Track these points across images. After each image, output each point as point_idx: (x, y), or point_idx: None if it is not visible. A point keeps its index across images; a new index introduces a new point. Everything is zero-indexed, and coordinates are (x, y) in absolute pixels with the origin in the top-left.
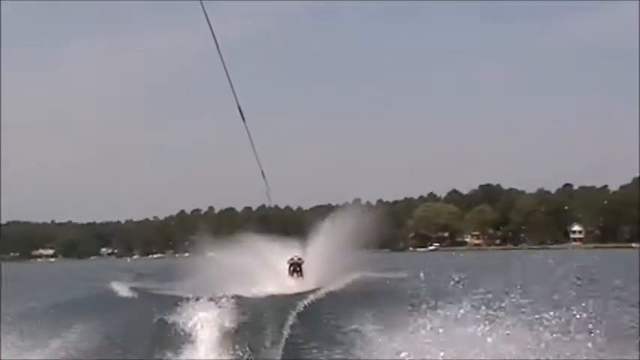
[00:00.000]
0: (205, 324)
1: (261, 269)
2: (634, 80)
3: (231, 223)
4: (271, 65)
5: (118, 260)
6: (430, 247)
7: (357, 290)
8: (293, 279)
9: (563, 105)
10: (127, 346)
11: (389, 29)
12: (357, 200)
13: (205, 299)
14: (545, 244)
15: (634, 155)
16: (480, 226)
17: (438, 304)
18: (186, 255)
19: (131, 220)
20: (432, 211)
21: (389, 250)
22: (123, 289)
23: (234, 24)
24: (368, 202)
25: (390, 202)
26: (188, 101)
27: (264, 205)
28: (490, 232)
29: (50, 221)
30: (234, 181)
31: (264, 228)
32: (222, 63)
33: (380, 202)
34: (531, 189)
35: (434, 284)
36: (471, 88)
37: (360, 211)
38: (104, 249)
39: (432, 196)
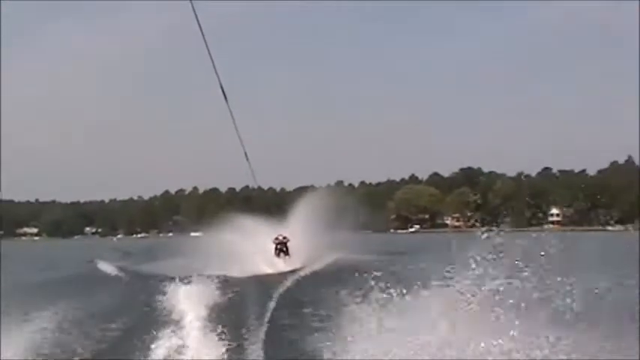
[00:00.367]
0: (190, 302)
1: (246, 249)
2: (615, 66)
3: (215, 203)
4: (253, 45)
5: (102, 239)
6: (411, 229)
7: (338, 269)
8: (279, 257)
9: (546, 91)
10: (112, 324)
11: (374, 11)
12: (340, 182)
13: (190, 278)
14: (524, 226)
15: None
16: (460, 209)
17: (417, 284)
18: (170, 235)
19: (115, 200)
20: (412, 194)
21: (370, 232)
22: (110, 267)
23: (214, 4)
24: (350, 184)
25: (373, 183)
26: (171, 80)
27: (247, 186)
28: (470, 214)
29: (34, 200)
30: (218, 162)
31: (247, 208)
32: (204, 42)
33: (362, 183)
34: (512, 172)
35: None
36: (454, 72)
37: (341, 193)
38: (88, 228)
39: (413, 179)
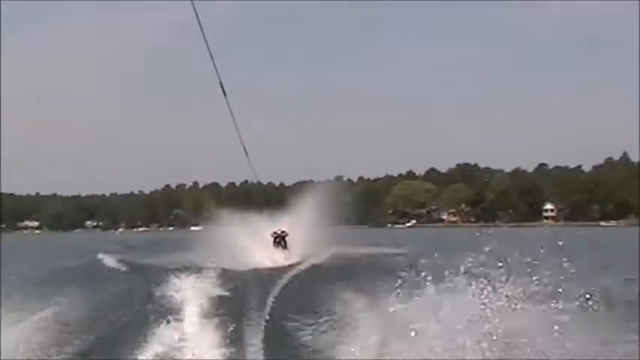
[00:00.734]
0: (192, 295)
1: (245, 242)
2: (611, 64)
3: (215, 198)
4: (252, 40)
5: (103, 233)
6: (407, 224)
7: (336, 263)
8: (278, 251)
9: (543, 88)
10: (115, 316)
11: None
12: (339, 177)
13: (191, 271)
14: (519, 221)
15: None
16: (456, 204)
17: (415, 278)
18: (171, 229)
19: (116, 194)
20: (409, 189)
21: (367, 226)
22: (114, 260)
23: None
24: (349, 179)
25: (371, 179)
26: (172, 76)
27: (247, 181)
28: (466, 209)
29: (35, 193)
30: (218, 157)
31: (247, 203)
32: (204, 39)
33: (361, 179)
34: (508, 168)
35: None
36: (453, 68)
37: (340, 188)
38: (89, 222)
39: (410, 174)
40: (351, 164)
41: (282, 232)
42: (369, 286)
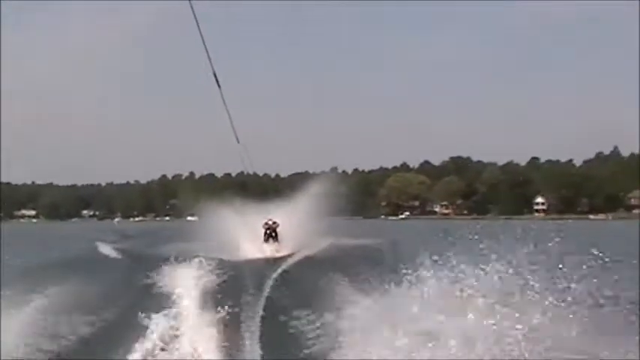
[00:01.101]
0: (186, 284)
1: (239, 233)
2: (604, 61)
3: (211, 188)
4: (248, 32)
5: (100, 222)
6: (401, 216)
7: (331, 254)
8: (269, 242)
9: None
10: (111, 304)
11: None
12: (334, 169)
13: (186, 260)
14: (510, 214)
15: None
16: (449, 197)
17: (407, 268)
18: (167, 219)
19: (112, 184)
20: (402, 181)
21: (361, 218)
22: (112, 248)
23: None
24: (344, 171)
25: (366, 171)
26: (168, 66)
27: (243, 172)
28: (458, 202)
29: (32, 182)
30: (214, 148)
31: (242, 194)
32: (198, 30)
33: (356, 170)
34: (502, 162)
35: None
36: (449, 62)
37: (335, 180)
38: (85, 211)
39: (404, 167)
40: (347, 156)
41: (274, 222)
42: (360, 276)
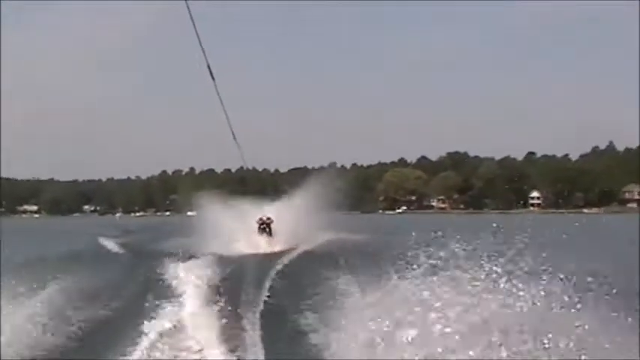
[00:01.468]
0: (188, 279)
1: (236, 229)
2: (601, 55)
3: (211, 184)
4: (246, 28)
5: (101, 217)
6: (398, 210)
7: (329, 249)
8: (263, 238)
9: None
10: (114, 298)
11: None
12: (333, 164)
13: (186, 255)
14: (506, 208)
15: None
16: (445, 191)
17: (408, 263)
18: (168, 214)
19: (112, 179)
20: (400, 176)
21: (359, 212)
22: (115, 243)
23: None
24: (343, 166)
25: (364, 166)
26: (168, 62)
27: (242, 167)
28: (455, 196)
29: (33, 178)
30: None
31: (242, 189)
32: (191, 19)
33: (355, 165)
34: (499, 157)
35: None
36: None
37: (333, 175)
38: (87, 206)
39: (402, 162)
40: (346, 152)
41: (268, 218)
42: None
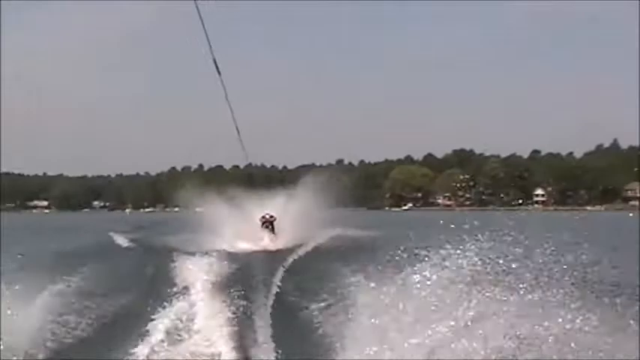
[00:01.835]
0: (197, 275)
1: (241, 225)
2: (604, 54)
3: (220, 180)
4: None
5: (111, 213)
6: (404, 207)
7: (338, 245)
8: (265, 235)
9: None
10: (124, 293)
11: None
12: (340, 161)
13: (196, 251)
14: (510, 206)
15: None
16: (451, 188)
17: (416, 259)
18: (177, 210)
19: (121, 175)
20: (406, 174)
21: (366, 209)
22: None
23: None
24: (350, 163)
25: (372, 163)
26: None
27: (250, 164)
28: (460, 194)
29: (42, 174)
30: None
31: (250, 186)
32: (198, 12)
33: (362, 162)
34: (504, 154)
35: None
36: (452, 56)
37: (341, 172)
38: (96, 202)
39: (408, 159)
40: (353, 149)
41: (271, 216)
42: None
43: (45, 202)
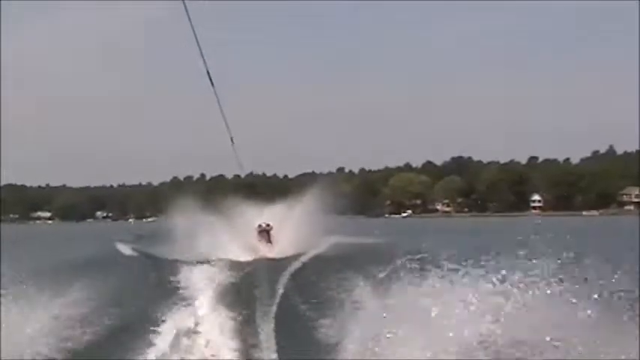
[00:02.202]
0: (201, 283)
1: (239, 234)
2: (606, 53)
3: (221, 189)
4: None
5: (114, 223)
6: (403, 214)
7: (337, 253)
8: (263, 244)
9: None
10: (129, 302)
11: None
12: (341, 169)
13: (199, 261)
14: (508, 211)
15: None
16: (449, 195)
17: (419, 266)
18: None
19: (124, 185)
20: (405, 181)
21: (365, 216)
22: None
23: None
24: (350, 171)
25: (371, 170)
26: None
27: (251, 173)
28: (459, 200)
29: (45, 185)
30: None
31: (250, 195)
32: (191, 27)
33: (362, 170)
34: (502, 161)
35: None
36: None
37: (341, 180)
38: (99, 212)
39: (408, 167)
40: (353, 157)
41: (267, 225)
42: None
43: (48, 214)
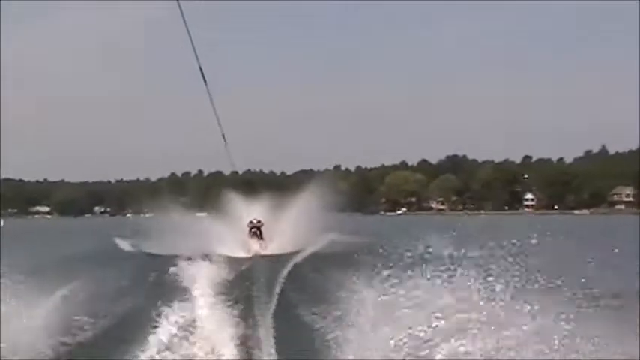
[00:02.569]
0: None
1: (233, 231)
2: (606, 53)
3: (219, 186)
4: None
5: (112, 218)
6: (398, 212)
7: (335, 250)
8: (254, 241)
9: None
10: (127, 297)
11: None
12: (337, 167)
13: (197, 256)
14: (501, 210)
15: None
16: (444, 193)
17: (415, 262)
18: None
19: (122, 181)
20: (400, 179)
21: (361, 214)
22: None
23: None
24: (347, 169)
25: (368, 168)
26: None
27: (249, 170)
28: (453, 198)
29: (43, 180)
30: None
31: (246, 191)
32: (184, 24)
33: (359, 168)
34: (497, 160)
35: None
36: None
37: (337, 178)
38: (97, 207)
39: (403, 165)
40: (350, 155)
41: (258, 222)
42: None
43: (47, 209)
